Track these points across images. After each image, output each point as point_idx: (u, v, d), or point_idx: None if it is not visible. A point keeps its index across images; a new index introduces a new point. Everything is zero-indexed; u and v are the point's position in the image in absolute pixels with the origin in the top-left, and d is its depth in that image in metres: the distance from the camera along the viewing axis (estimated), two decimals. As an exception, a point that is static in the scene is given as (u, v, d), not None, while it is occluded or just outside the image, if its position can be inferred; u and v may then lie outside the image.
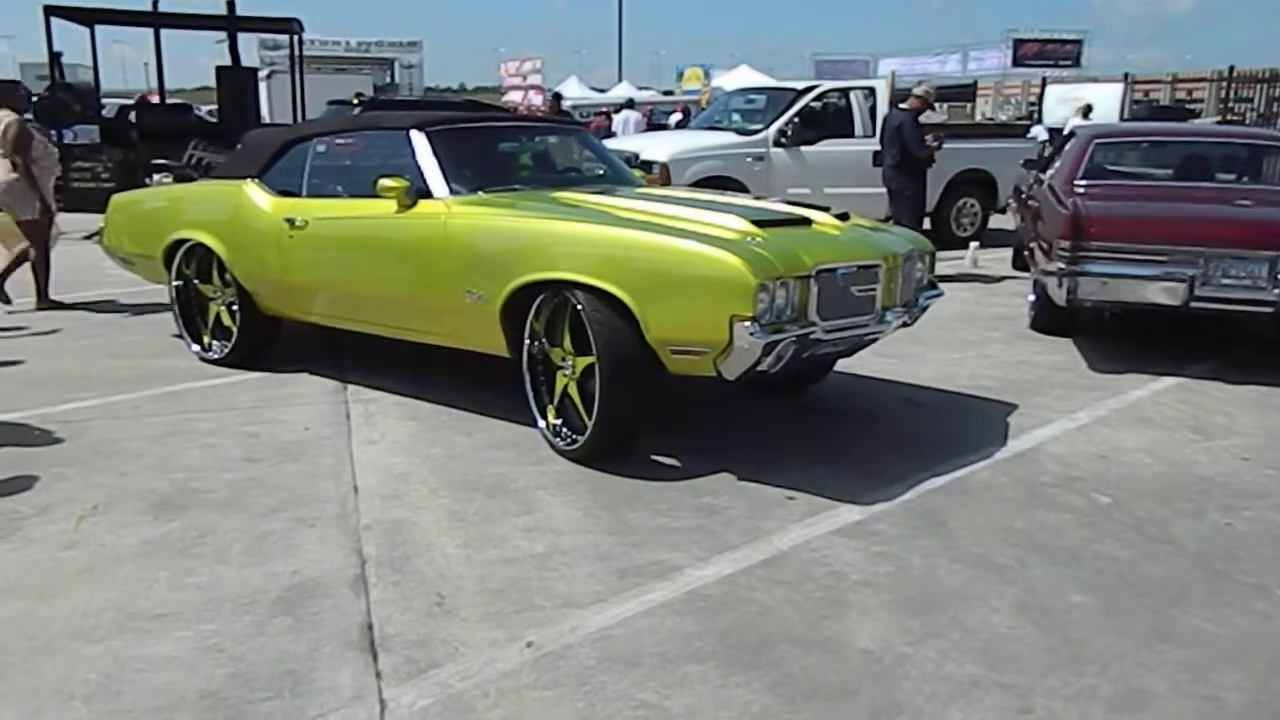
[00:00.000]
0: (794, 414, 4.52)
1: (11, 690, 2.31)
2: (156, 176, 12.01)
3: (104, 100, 16.39)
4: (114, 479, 3.64)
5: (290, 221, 4.75)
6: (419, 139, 4.43)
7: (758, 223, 3.73)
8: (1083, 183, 6.19)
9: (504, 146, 5.11)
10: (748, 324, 3.32)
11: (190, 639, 2.54)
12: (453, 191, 4.26)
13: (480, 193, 4.29)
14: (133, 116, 14.38)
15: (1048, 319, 6.25)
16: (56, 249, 7.03)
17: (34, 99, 11.64)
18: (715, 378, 3.56)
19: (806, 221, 3.97)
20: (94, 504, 3.40)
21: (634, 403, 3.67)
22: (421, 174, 4.32)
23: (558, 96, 16.61)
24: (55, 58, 12.86)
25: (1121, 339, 6.18)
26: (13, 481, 3.57)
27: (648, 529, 3.24)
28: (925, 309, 4.26)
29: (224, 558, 3.01)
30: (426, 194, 4.26)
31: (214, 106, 14.74)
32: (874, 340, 4.08)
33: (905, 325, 4.03)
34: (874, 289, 3.77)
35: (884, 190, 8.11)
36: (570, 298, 3.70)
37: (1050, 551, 3.11)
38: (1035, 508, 3.46)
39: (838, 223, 4.04)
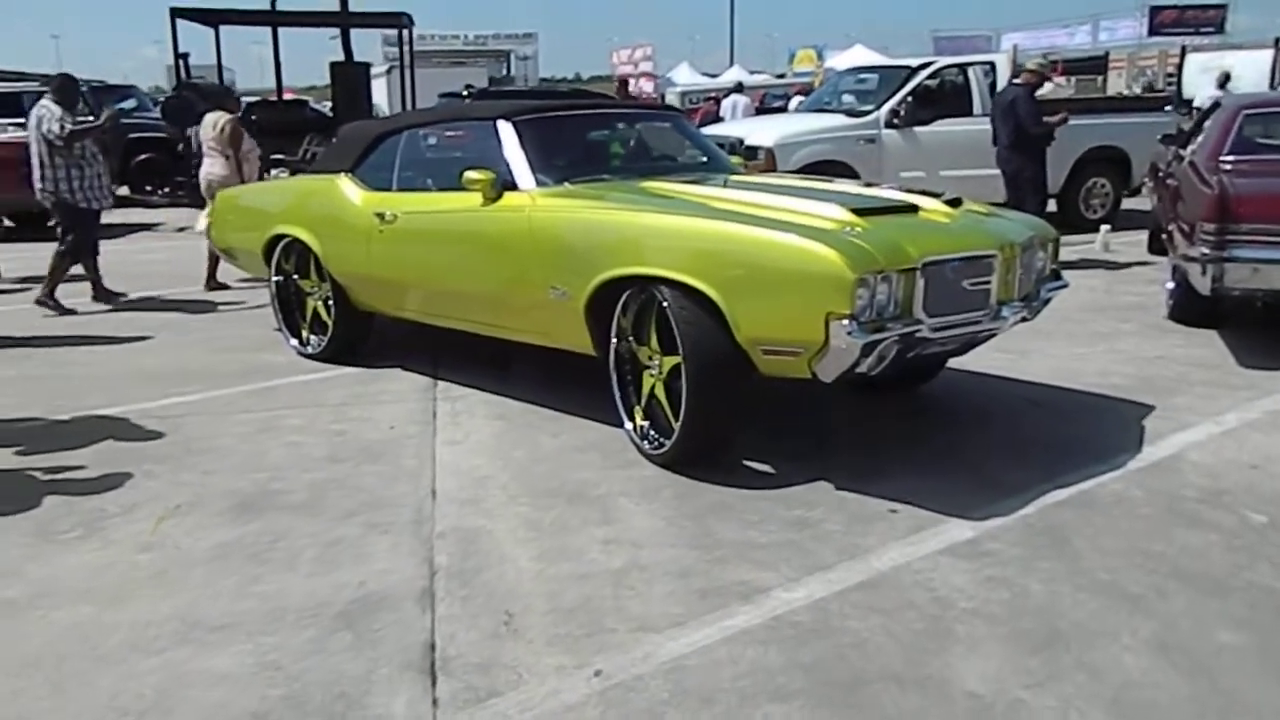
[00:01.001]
0: (899, 416, 4.20)
1: (65, 704, 2.26)
2: (274, 171, 12.36)
3: (242, 99, 17.02)
4: (200, 477, 3.62)
5: (380, 216, 4.69)
6: (505, 129, 4.29)
7: (859, 211, 3.43)
8: (1229, 158, 5.61)
9: (594, 135, 4.91)
10: (845, 322, 3.03)
11: (248, 653, 2.44)
12: (539, 183, 4.10)
13: (567, 184, 4.12)
14: (253, 115, 14.86)
15: (1188, 309, 5.70)
16: (176, 243, 7.24)
17: (160, 99, 12.14)
18: (810, 380, 3.29)
19: (913, 208, 3.64)
20: (176, 504, 3.38)
21: (723, 406, 3.44)
22: (508, 165, 4.18)
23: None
24: (182, 59, 13.36)
25: (1274, 331, 5.57)
26: (104, 479, 3.59)
27: (734, 543, 3.00)
28: (1047, 302, 3.87)
29: (294, 565, 2.92)
30: (512, 186, 4.12)
31: (330, 103, 15.11)
32: (989, 338, 3.72)
33: (1024, 320, 3.66)
34: (988, 282, 3.43)
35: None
36: (657, 294, 3.49)
37: (1193, 579, 2.73)
38: (1175, 526, 3.07)
39: (948, 209, 3.69)
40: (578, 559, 2.92)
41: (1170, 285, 6.11)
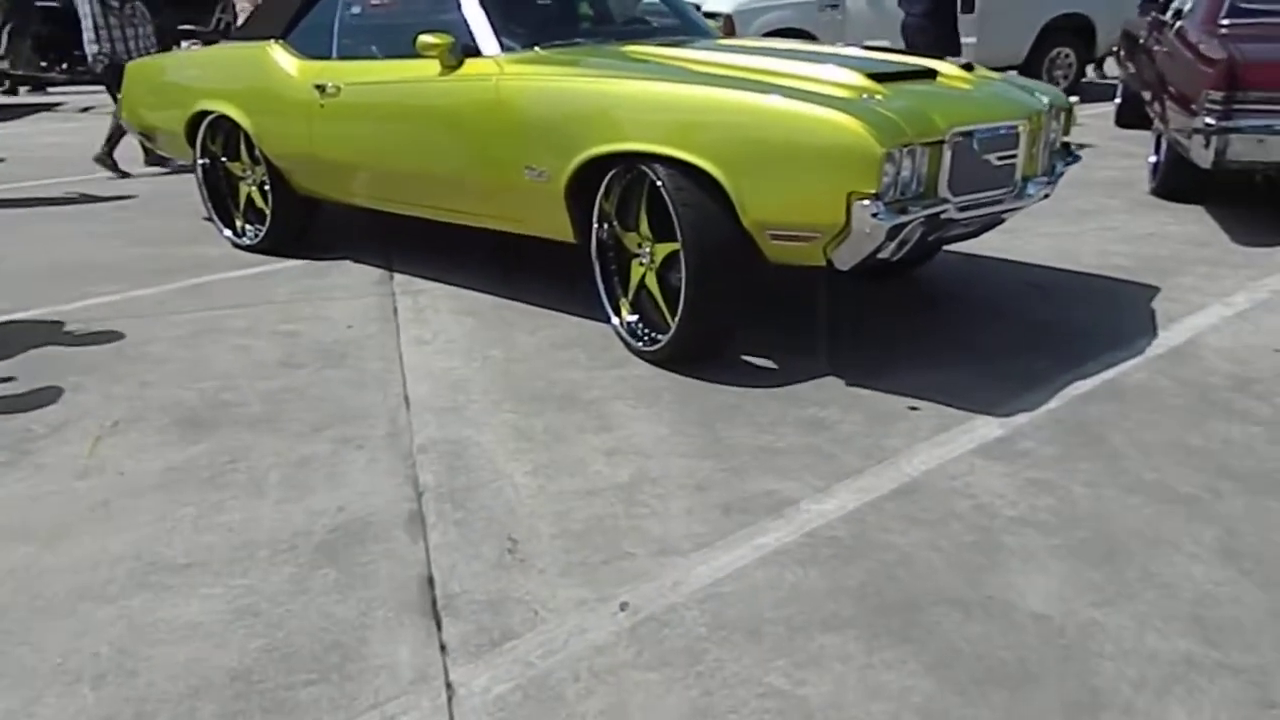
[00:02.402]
0: (900, 303, 3.94)
1: (7, 668, 1.92)
2: (184, 44, 11.37)
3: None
4: (136, 389, 3.22)
5: (320, 88, 4.17)
6: (463, -14, 3.78)
7: (875, 76, 3.07)
8: (1227, 22, 5.31)
9: (563, -6, 4.41)
10: (869, 203, 2.72)
11: (219, 598, 2.13)
12: (504, 48, 3.63)
13: (537, 48, 3.65)
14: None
15: (1174, 183, 5.50)
16: (82, 124, 6.55)
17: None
18: (821, 267, 2.99)
19: (931, 73, 3.29)
20: (113, 420, 2.99)
21: (726, 297, 3.12)
22: (468, 27, 3.69)
23: None
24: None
25: (1266, 206, 5.41)
26: (25, 397, 3.17)
27: (749, 449, 2.74)
28: (1061, 176, 3.60)
29: (260, 489, 2.58)
30: (474, 51, 3.64)
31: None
32: (1006, 219, 3.45)
33: (1045, 198, 3.38)
34: (1014, 156, 3.12)
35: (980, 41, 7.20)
36: (648, 173, 3.11)
37: (1246, 478, 2.56)
38: (1212, 418, 2.89)
39: (965, 74, 3.35)
40: (580, 473, 2.63)
41: (1153, 160, 5.90)
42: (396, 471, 2.66)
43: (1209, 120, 4.52)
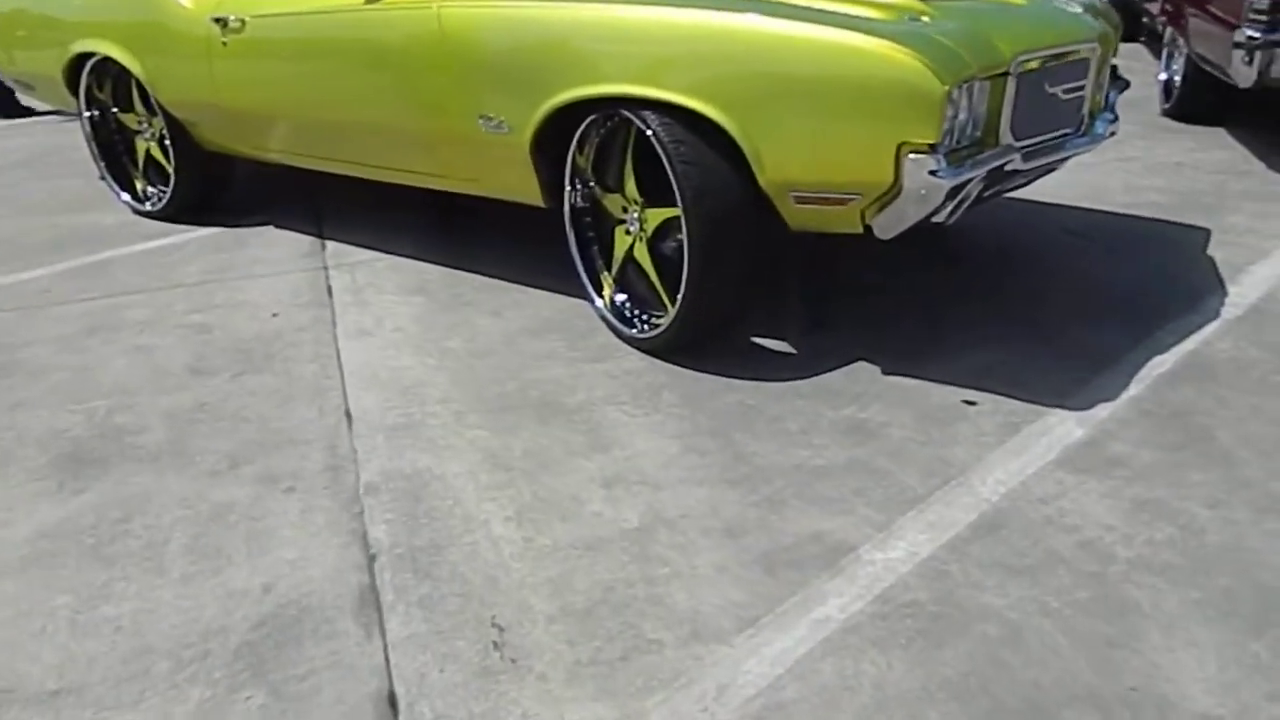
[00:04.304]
0: (925, 261, 3.39)
1: None
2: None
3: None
4: (4, 416, 2.57)
5: (221, 22, 3.45)
6: (388, -112, 3.06)
7: (912, -9, 2.47)
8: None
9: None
10: (926, 156, 2.14)
11: (101, 748, 1.55)
12: (445, -35, 2.94)
13: (485, -35, 2.98)
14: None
15: (1194, 104, 5.00)
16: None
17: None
18: (851, 234, 2.42)
19: (975, -13, 2.70)
20: (-27, 463, 2.36)
21: (739, 272, 2.55)
22: (397, -59, 2.99)
23: None
24: None
25: (1287, 126, 4.94)
26: None
27: (781, 470, 2.20)
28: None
29: (160, 561, 1.98)
30: (407, -29, 2.96)
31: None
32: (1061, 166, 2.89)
33: (1112, 137, 2.84)
34: (1083, 88, 2.56)
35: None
36: (636, 121, 2.50)
37: (1396, 487, 2.09)
38: (1328, 403, 2.42)
39: (1012, -14, 2.76)
40: (575, 515, 2.07)
41: (1164, 77, 5.39)
42: (339, 525, 2.08)
43: (1252, 34, 3.99)
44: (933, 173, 2.14)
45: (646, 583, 1.87)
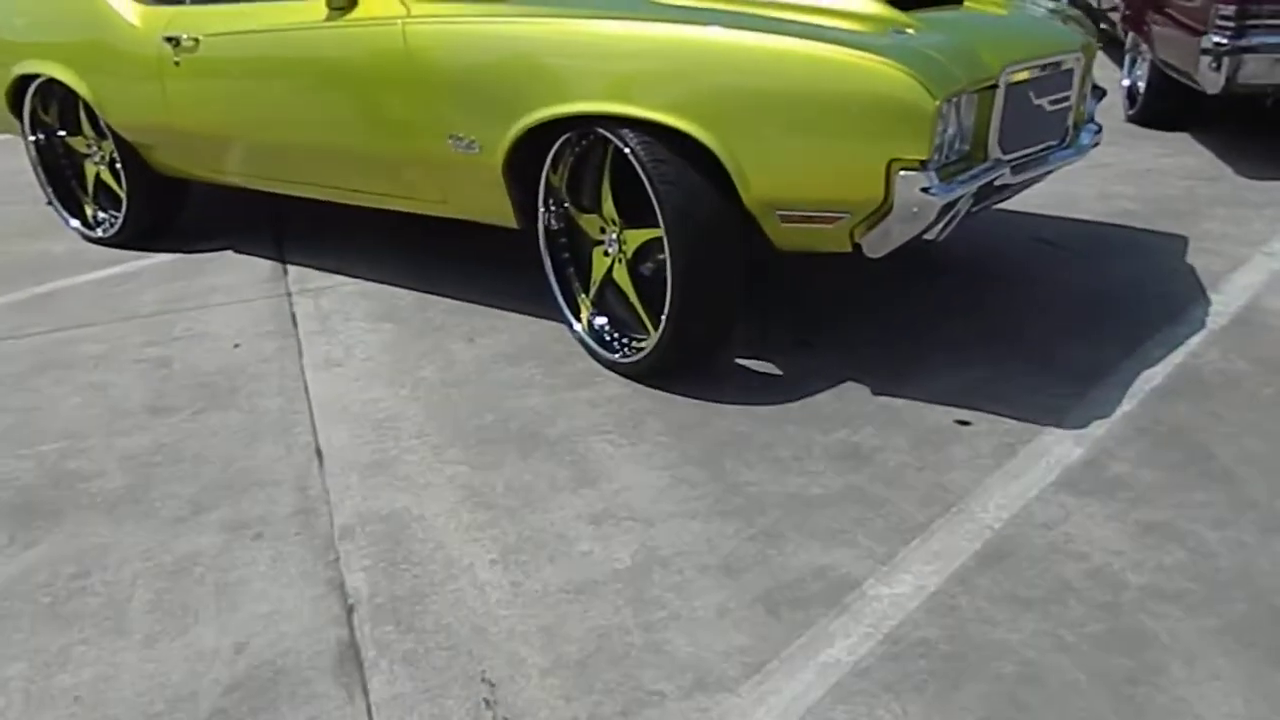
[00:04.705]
0: (898, 274, 3.34)
1: None
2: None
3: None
4: (-50, 463, 2.42)
5: (173, 41, 3.31)
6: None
7: (894, 2, 2.41)
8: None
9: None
10: (918, 173, 2.08)
11: (61, 838, 1.43)
12: (409, -20, 2.84)
13: (451, -20, 2.88)
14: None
15: (1157, 110, 5.03)
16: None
17: None
18: (836, 253, 2.35)
19: (955, -4, 2.65)
20: (-85, 516, 2.20)
21: (724, 293, 2.47)
22: (358, -44, 2.88)
23: None
24: None
25: (1257, 132, 4.96)
26: None
27: (777, 500, 2.12)
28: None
29: (121, 621, 1.85)
30: (369, -14, 2.85)
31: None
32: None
33: (1095, 146, 2.80)
34: (1068, 99, 2.52)
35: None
36: (614, 140, 2.41)
37: (1400, 501, 2.06)
38: (1323, 415, 2.39)
39: (988, -4, 2.72)
40: (564, 556, 1.97)
41: (1126, 83, 5.41)
42: (313, 575, 1.96)
43: (1219, 40, 4.00)
44: (925, 189, 2.08)
45: (644, 628, 1.77)
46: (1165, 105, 4.90)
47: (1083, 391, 2.51)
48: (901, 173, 2.08)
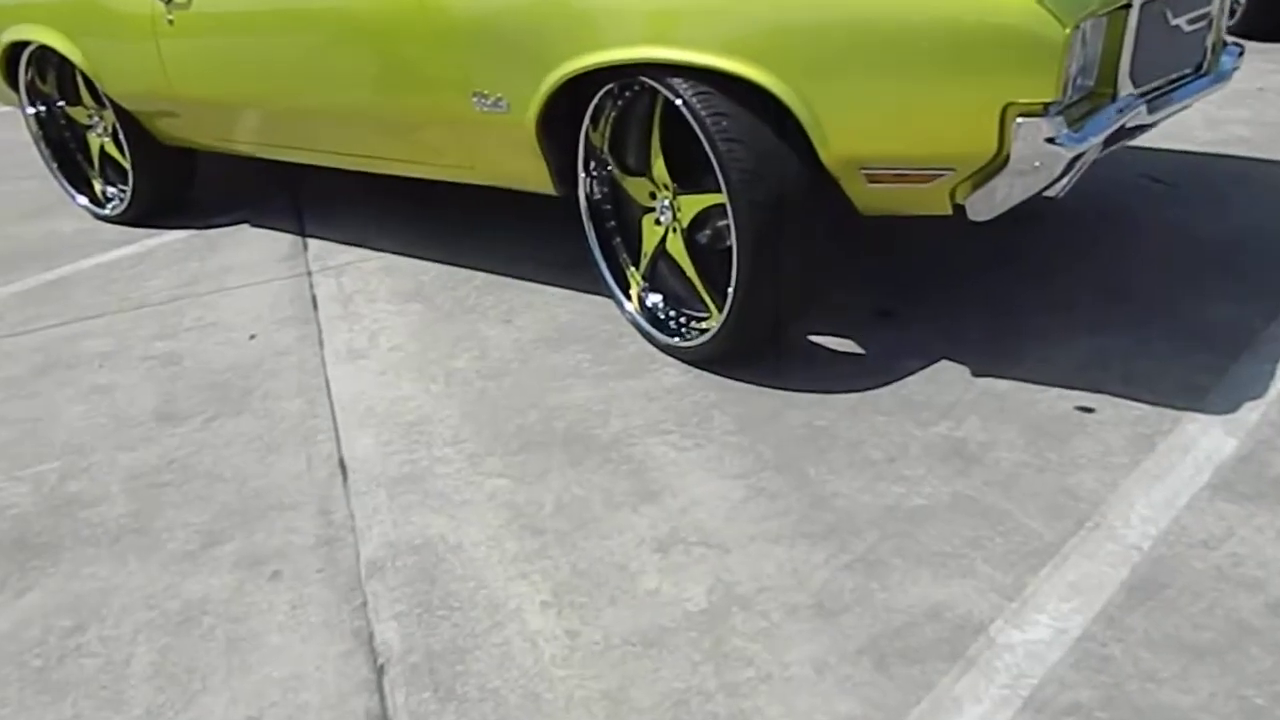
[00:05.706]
0: (992, 225, 2.93)
1: None
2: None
3: None
4: (-60, 488, 2.18)
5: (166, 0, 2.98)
6: None
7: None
8: None
9: None
10: (1041, 120, 1.70)
11: None
12: (419, -87, 2.47)
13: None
14: None
15: (1261, 19, 4.48)
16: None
17: None
18: (931, 216, 1.99)
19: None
20: (-101, 556, 1.97)
21: (798, 264, 2.11)
22: (360, -112, 2.51)
23: None
24: None
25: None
26: None
27: (872, 517, 1.80)
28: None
29: (119, 689, 1.60)
30: (375, -77, 2.49)
31: None
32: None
33: (1235, 71, 2.38)
34: (1208, 15, 2.10)
35: None
36: (663, 91, 2.05)
37: None
38: None
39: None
40: (627, 595, 1.68)
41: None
42: (338, 624, 1.69)
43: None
44: (1050, 140, 1.70)
45: (727, 692, 1.48)
46: (1272, 13, 4.37)
47: (1224, 365, 2.14)
48: (1020, 119, 1.70)
